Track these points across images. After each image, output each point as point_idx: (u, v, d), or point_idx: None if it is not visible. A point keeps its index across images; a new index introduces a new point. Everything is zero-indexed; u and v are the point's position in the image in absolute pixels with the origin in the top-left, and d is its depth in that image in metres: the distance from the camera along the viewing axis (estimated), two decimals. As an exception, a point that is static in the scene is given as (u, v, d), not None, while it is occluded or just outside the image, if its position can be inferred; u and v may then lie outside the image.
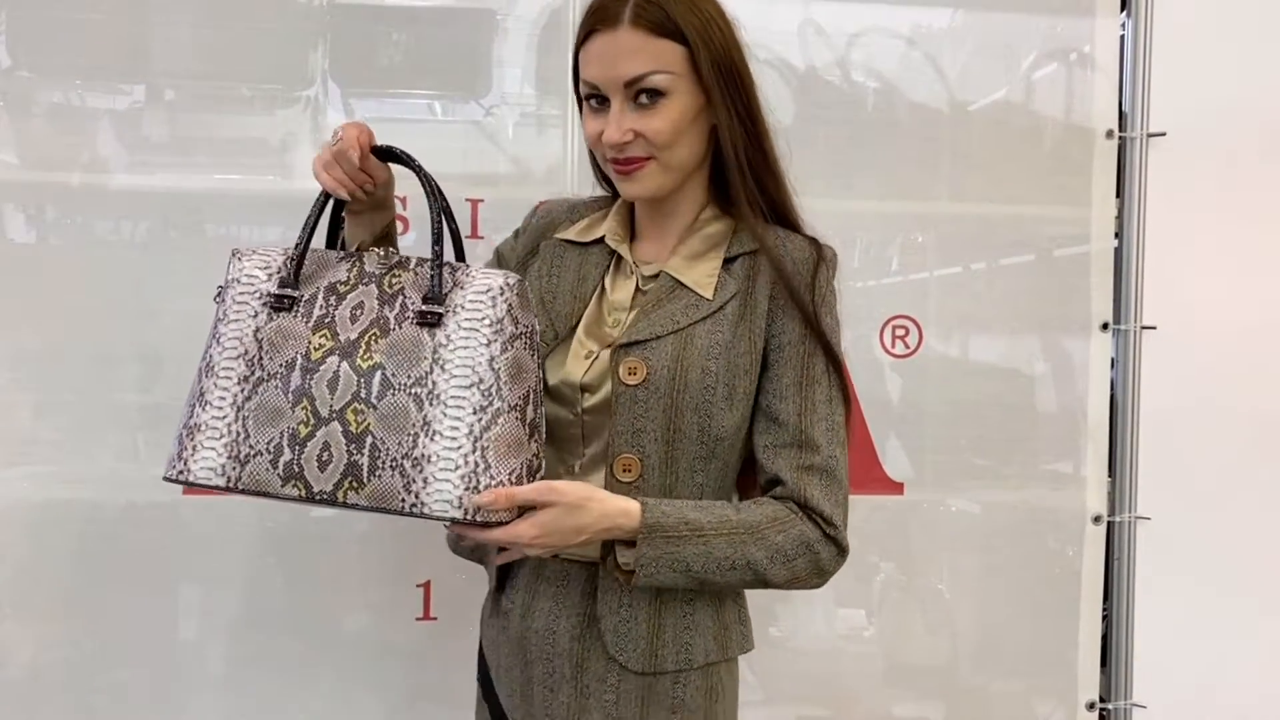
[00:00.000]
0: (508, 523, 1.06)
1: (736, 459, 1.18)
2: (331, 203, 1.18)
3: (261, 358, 1.10)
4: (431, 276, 1.10)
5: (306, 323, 1.11)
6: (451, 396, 1.06)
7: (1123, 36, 1.76)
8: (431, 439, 1.05)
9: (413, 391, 1.06)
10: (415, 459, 1.05)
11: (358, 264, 1.14)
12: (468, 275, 1.11)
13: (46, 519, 1.57)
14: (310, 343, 1.10)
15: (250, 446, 1.08)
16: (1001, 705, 1.78)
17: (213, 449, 1.09)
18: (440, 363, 1.07)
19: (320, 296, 1.12)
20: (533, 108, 1.65)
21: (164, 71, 1.58)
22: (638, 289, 1.19)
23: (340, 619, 1.63)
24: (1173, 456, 1.75)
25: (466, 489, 1.04)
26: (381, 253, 1.14)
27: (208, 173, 1.59)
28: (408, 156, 1.15)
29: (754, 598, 1.71)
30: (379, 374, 1.07)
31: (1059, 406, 1.77)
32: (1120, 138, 1.75)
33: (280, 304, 1.12)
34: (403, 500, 1.04)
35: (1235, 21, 1.74)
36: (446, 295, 1.09)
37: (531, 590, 1.19)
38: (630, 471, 1.13)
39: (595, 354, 1.16)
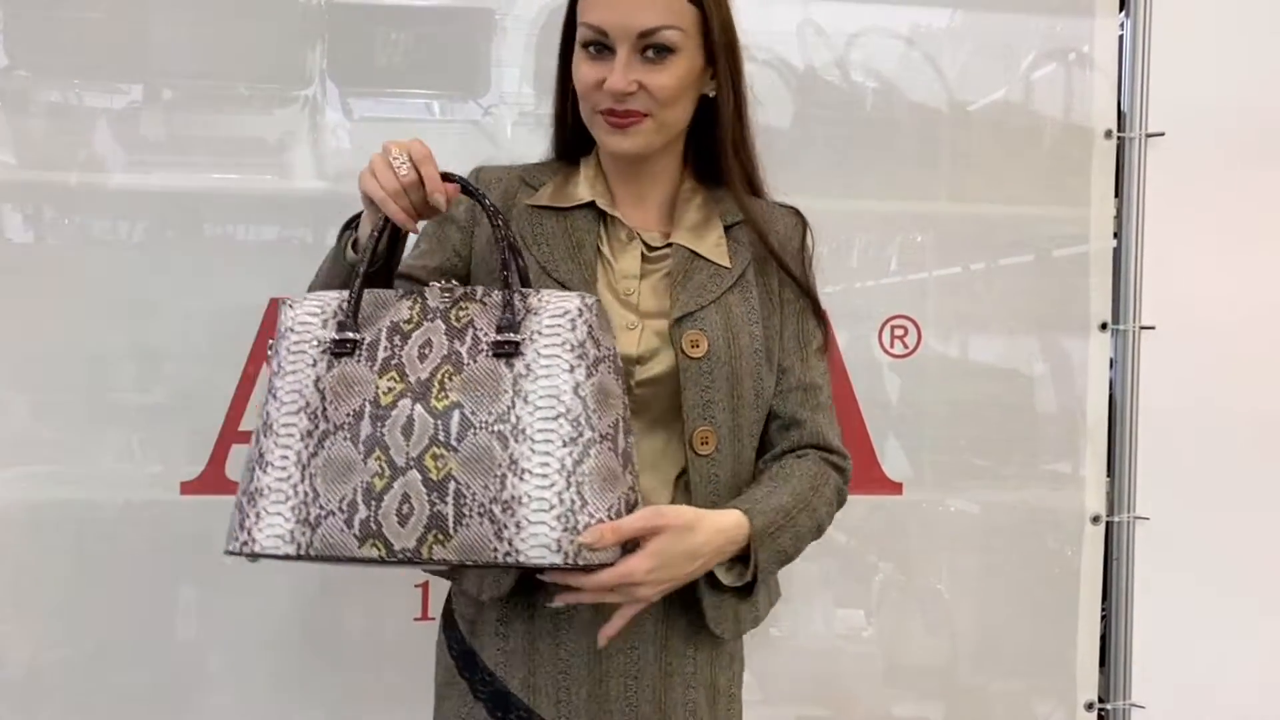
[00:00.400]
0: (612, 563, 0.99)
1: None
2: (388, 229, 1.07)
3: (325, 409, 1.01)
4: (503, 304, 1.03)
5: (371, 367, 1.02)
6: (538, 430, 0.98)
7: (1121, 37, 1.76)
8: (521, 478, 0.97)
9: (495, 429, 0.98)
10: (505, 502, 0.96)
11: (419, 300, 1.05)
12: (540, 299, 1.04)
13: (44, 519, 1.56)
14: (378, 387, 1.01)
15: (321, 507, 0.98)
16: (1001, 705, 1.78)
17: (279, 514, 0.99)
18: (522, 395, 0.99)
19: (383, 338, 1.03)
20: (531, 107, 1.65)
21: (162, 71, 1.58)
22: (643, 258, 1.18)
23: (339, 619, 1.63)
24: (1171, 456, 1.75)
25: (564, 530, 0.96)
26: (443, 285, 1.06)
27: (205, 172, 1.58)
28: (472, 187, 1.08)
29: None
30: (457, 414, 0.98)
31: (1058, 406, 1.77)
32: (1119, 138, 1.75)
33: (341, 349, 1.03)
34: (495, 550, 0.96)
35: (1233, 22, 1.75)
36: (520, 322, 1.02)
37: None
38: (708, 444, 1.14)
39: (638, 325, 1.15)
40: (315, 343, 1.04)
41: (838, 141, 1.71)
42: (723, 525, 1.07)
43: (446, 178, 1.06)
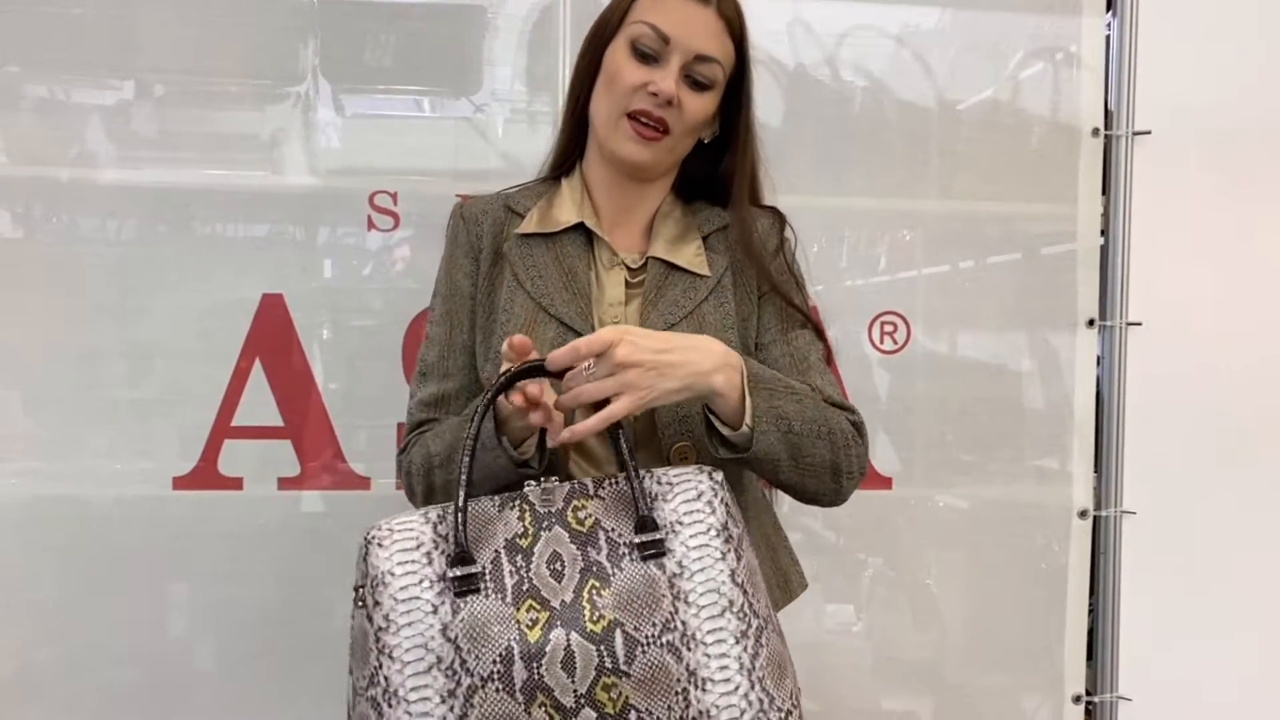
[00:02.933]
0: None
1: None
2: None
3: (464, 660, 0.87)
4: (635, 498, 0.93)
5: (503, 599, 0.89)
6: (709, 633, 0.89)
7: (1108, 36, 1.77)
8: (704, 690, 0.88)
9: (665, 641, 0.88)
10: None
11: (523, 506, 0.94)
12: (660, 482, 0.96)
13: (37, 514, 1.56)
14: (519, 622, 0.88)
15: None
16: (989, 699, 1.79)
17: None
18: (682, 597, 0.90)
19: (504, 561, 0.91)
20: (523, 105, 1.66)
21: (153, 67, 1.58)
22: (626, 284, 1.19)
23: (331, 614, 1.62)
24: (1158, 452, 1.76)
25: None
26: (542, 486, 0.95)
27: (197, 168, 1.58)
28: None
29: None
30: (619, 633, 0.88)
31: (1045, 402, 1.78)
32: (1106, 136, 1.76)
33: (465, 586, 0.90)
34: None
35: (1219, 21, 1.76)
36: (652, 511, 0.93)
37: None
38: (688, 459, 1.11)
39: None
40: (427, 584, 0.89)
41: (828, 139, 1.71)
42: (706, 345, 1.02)
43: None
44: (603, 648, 0.88)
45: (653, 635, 0.88)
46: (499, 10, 1.64)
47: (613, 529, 0.92)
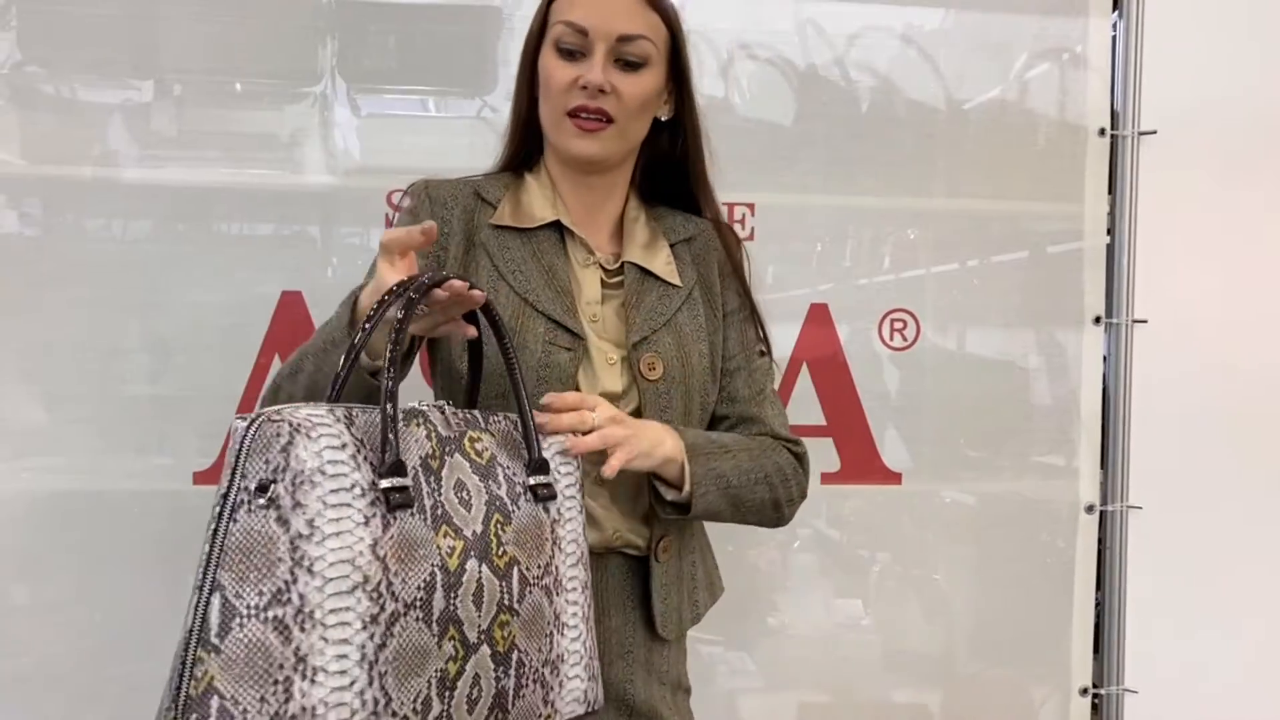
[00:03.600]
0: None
1: None
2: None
3: (390, 582, 0.77)
4: (528, 442, 0.93)
5: (424, 520, 0.81)
6: (569, 579, 0.90)
7: (1114, 36, 1.79)
8: (562, 634, 0.88)
9: (544, 583, 0.88)
10: (552, 663, 0.88)
11: (428, 425, 0.86)
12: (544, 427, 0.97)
13: (57, 509, 1.57)
14: (440, 549, 0.81)
15: (393, 714, 0.76)
16: (997, 691, 1.81)
17: None
18: (557, 542, 0.90)
19: (422, 478, 0.83)
20: (538, 104, 1.68)
21: (173, 67, 1.60)
22: (603, 283, 1.19)
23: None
24: (1163, 448, 1.78)
25: (589, 679, 0.91)
26: (438, 406, 0.90)
27: (216, 167, 1.60)
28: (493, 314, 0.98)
29: (753, 587, 1.75)
30: (515, 571, 0.86)
31: (1052, 399, 1.80)
32: (1112, 135, 1.78)
33: (400, 500, 0.79)
34: (539, 715, 0.87)
35: (1225, 21, 1.78)
36: (540, 455, 0.93)
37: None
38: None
39: (616, 360, 1.15)
40: (359, 491, 0.77)
41: (837, 139, 1.73)
42: (660, 444, 1.08)
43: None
44: (504, 583, 0.84)
45: (537, 577, 0.87)
46: (514, 11, 1.65)
47: (507, 467, 0.89)
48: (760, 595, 1.75)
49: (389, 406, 0.80)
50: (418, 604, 0.78)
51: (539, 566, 0.87)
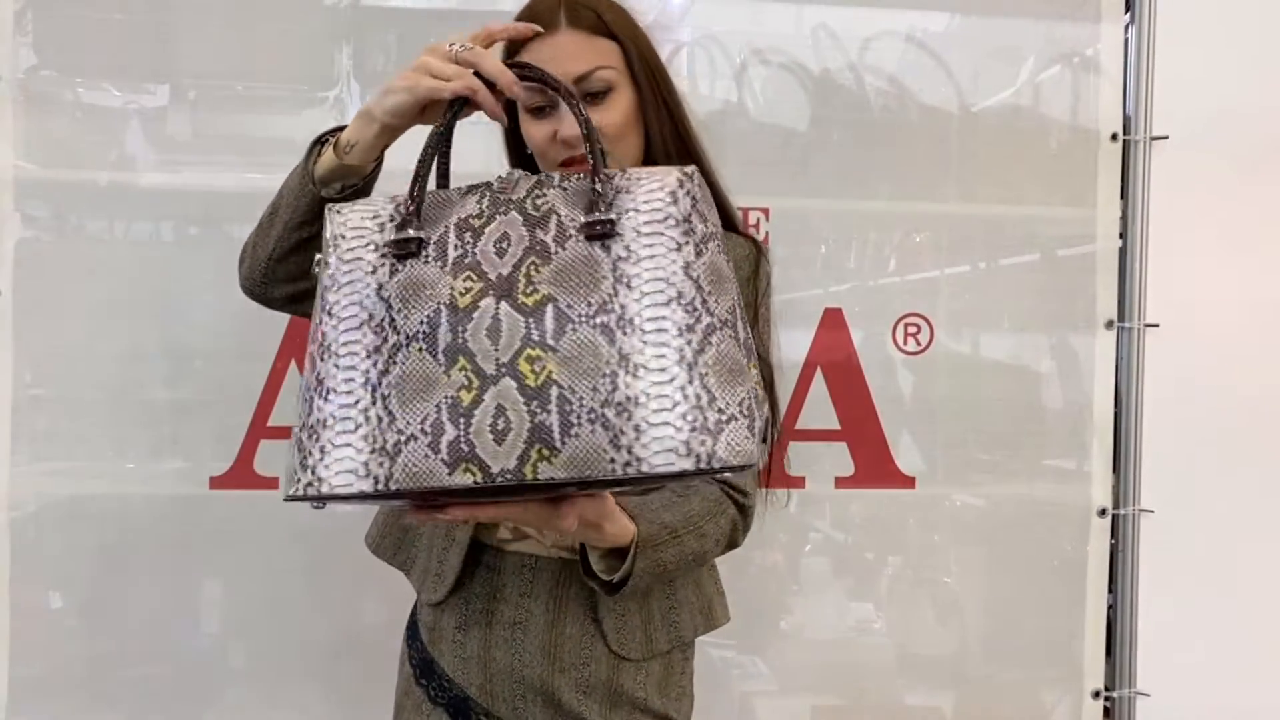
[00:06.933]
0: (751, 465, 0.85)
1: None
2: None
3: (393, 319, 0.88)
4: (592, 181, 0.89)
5: (442, 267, 0.89)
6: (649, 319, 0.84)
7: (1126, 41, 1.80)
8: (635, 375, 0.83)
9: (598, 321, 0.84)
10: (619, 404, 0.82)
11: (487, 193, 0.92)
12: (629, 179, 0.90)
13: (75, 513, 1.58)
14: (453, 289, 0.87)
15: (399, 431, 0.85)
16: (1009, 694, 1.82)
17: (348, 445, 0.86)
18: (625, 281, 0.86)
19: (452, 235, 0.90)
20: (552, 109, 1.68)
21: (189, 71, 1.60)
22: None
23: (364, 611, 1.65)
24: (1175, 451, 1.79)
25: (693, 430, 0.82)
26: (508, 175, 0.93)
27: (233, 172, 1.60)
28: (545, 74, 0.99)
29: (765, 590, 1.75)
30: (550, 308, 0.85)
31: (1065, 403, 1.81)
32: (1124, 141, 1.79)
33: (404, 249, 0.90)
34: (612, 460, 0.82)
35: (1236, 27, 1.79)
36: (613, 201, 0.88)
37: (517, 602, 1.17)
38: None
39: None
40: (373, 247, 0.91)
41: (852, 144, 1.74)
42: (619, 535, 1.03)
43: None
44: (531, 321, 0.85)
45: (586, 314, 0.85)
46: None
47: (566, 214, 0.89)
48: (773, 598, 1.76)
49: (423, 176, 0.93)
50: (420, 336, 0.87)
51: (589, 304, 0.85)
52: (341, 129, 1.07)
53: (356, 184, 1.07)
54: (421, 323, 0.87)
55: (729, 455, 0.82)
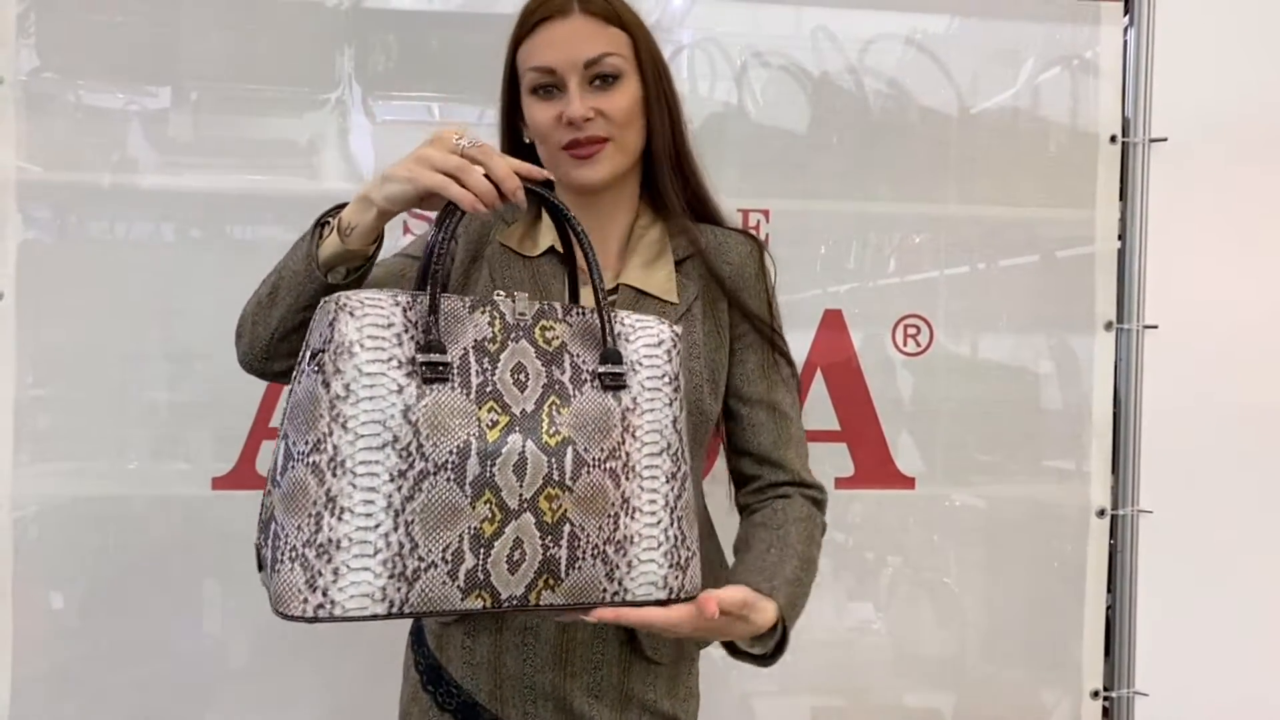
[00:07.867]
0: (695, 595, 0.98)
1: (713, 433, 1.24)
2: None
3: (421, 445, 0.88)
4: (603, 332, 0.97)
5: (467, 395, 0.91)
6: (645, 467, 0.96)
7: (1126, 44, 1.80)
8: (632, 517, 0.94)
9: (608, 466, 0.94)
10: (618, 542, 0.94)
11: (493, 312, 0.95)
12: (626, 325, 1.00)
13: (75, 515, 1.58)
14: (480, 420, 0.90)
15: (420, 559, 0.87)
16: (1009, 694, 1.82)
17: (366, 569, 0.87)
18: (631, 430, 0.96)
19: (471, 358, 0.92)
20: (553, 111, 1.68)
21: (191, 74, 1.60)
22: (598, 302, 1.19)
23: (366, 613, 1.65)
24: (1174, 452, 1.80)
25: (670, 566, 0.96)
26: (511, 295, 0.96)
27: (235, 174, 1.61)
28: (550, 197, 1.00)
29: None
30: (570, 451, 0.93)
31: (1064, 403, 1.81)
32: (1123, 142, 1.79)
33: (435, 374, 0.90)
34: (604, 590, 0.93)
35: (1235, 30, 1.79)
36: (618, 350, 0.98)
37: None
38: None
39: None
40: (396, 363, 0.89)
41: (851, 145, 1.75)
42: (769, 617, 1.05)
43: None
44: (554, 460, 0.92)
45: (599, 459, 0.94)
46: (530, 18, 1.66)
47: (578, 355, 0.96)
48: (773, 599, 1.76)
49: (436, 292, 0.91)
50: (449, 466, 0.88)
51: (603, 450, 0.93)
52: (341, 207, 1.06)
53: (360, 265, 1.06)
54: (451, 453, 0.89)
55: (691, 588, 0.97)
